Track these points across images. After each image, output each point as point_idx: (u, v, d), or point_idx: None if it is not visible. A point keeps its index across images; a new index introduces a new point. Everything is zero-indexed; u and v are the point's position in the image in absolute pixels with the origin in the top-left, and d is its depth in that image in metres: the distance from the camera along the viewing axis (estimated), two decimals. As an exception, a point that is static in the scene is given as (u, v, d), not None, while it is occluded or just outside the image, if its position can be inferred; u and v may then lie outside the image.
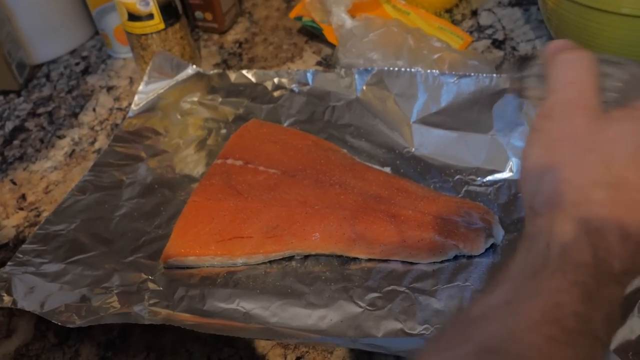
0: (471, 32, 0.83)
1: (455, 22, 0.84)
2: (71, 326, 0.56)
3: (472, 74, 0.68)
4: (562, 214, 0.39)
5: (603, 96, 0.43)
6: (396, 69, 0.71)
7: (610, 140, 0.40)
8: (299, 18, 0.84)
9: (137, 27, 0.79)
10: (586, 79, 0.42)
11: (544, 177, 0.41)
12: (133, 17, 0.78)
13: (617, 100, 0.44)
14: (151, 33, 0.80)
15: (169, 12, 0.79)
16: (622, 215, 0.38)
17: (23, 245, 0.64)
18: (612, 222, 0.38)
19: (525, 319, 0.35)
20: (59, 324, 0.56)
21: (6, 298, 0.59)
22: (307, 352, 0.54)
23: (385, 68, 0.72)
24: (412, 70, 0.70)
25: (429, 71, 0.70)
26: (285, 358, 0.53)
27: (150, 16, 0.78)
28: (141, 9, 0.77)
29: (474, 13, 0.86)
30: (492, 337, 0.35)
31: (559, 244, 0.38)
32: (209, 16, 0.89)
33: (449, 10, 0.86)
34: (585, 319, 0.36)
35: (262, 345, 0.54)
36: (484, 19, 0.84)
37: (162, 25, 0.80)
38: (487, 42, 0.81)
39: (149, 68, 0.79)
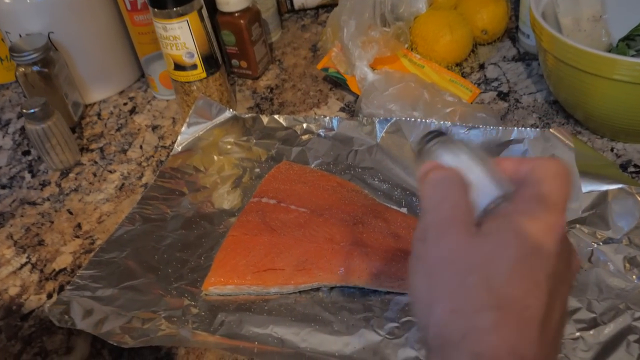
0: (479, 84, 0.83)
1: (464, 75, 0.84)
2: (125, 346, 0.57)
3: (481, 126, 0.68)
4: (453, 349, 0.33)
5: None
6: (412, 119, 0.72)
7: (487, 258, 0.34)
8: (325, 69, 0.84)
9: (182, 75, 0.80)
10: (457, 195, 0.36)
11: (431, 309, 0.34)
12: (178, 67, 0.79)
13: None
14: (194, 81, 0.81)
15: (210, 63, 0.80)
16: (513, 338, 0.32)
17: (80, 271, 0.65)
18: (504, 349, 0.32)
19: None
20: (114, 344, 0.57)
21: (67, 319, 0.60)
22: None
23: (403, 118, 0.72)
24: (427, 121, 0.71)
25: (442, 122, 0.70)
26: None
27: (194, 66, 0.79)
28: (186, 60, 0.79)
29: (481, 66, 0.86)
30: None
31: None
32: (243, 64, 0.90)
33: (459, 64, 0.85)
34: None
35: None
36: (490, 72, 0.85)
37: (204, 75, 0.80)
38: (494, 94, 0.81)
39: (191, 111, 0.80)
